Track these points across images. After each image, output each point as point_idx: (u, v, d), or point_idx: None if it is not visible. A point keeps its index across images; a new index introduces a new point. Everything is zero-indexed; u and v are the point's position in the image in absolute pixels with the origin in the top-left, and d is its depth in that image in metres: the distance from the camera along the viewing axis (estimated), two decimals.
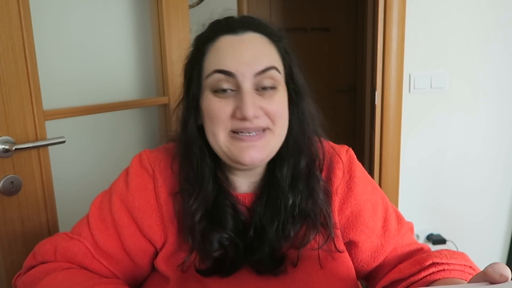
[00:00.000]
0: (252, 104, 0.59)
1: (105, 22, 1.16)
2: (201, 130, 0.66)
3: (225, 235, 0.63)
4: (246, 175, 0.69)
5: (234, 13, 0.69)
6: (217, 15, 0.68)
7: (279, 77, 0.64)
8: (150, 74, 1.27)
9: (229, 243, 0.64)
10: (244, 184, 0.70)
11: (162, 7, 1.19)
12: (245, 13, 2.44)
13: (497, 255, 1.71)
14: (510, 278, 0.45)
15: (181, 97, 0.70)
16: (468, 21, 1.53)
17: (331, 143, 0.75)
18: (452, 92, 1.60)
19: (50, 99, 0.96)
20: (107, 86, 1.17)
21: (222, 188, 0.67)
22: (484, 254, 1.70)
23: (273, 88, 0.63)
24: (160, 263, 0.67)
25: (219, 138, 0.62)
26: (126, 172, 0.70)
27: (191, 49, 0.68)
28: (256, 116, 0.60)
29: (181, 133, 0.69)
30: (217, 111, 0.61)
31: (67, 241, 0.66)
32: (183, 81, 0.69)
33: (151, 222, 0.67)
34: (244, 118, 0.59)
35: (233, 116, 0.61)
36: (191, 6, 1.72)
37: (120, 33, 1.20)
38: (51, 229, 0.97)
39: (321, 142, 0.71)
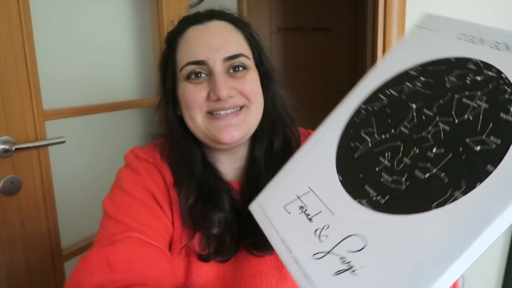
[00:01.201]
0: (225, 84, 0.62)
1: (105, 22, 1.16)
2: (181, 121, 0.68)
3: (222, 215, 0.64)
4: (230, 160, 0.71)
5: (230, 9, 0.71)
6: None
7: (248, 62, 0.66)
8: (150, 74, 1.27)
9: (226, 224, 0.65)
10: (230, 171, 0.71)
11: (162, 7, 1.19)
12: (245, 14, 2.44)
13: (497, 255, 1.71)
14: None
15: (160, 94, 0.72)
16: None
17: (311, 131, 0.77)
18: None
19: (50, 99, 0.96)
20: (107, 86, 1.17)
21: (214, 172, 0.69)
22: (483, 254, 1.70)
23: (244, 68, 0.65)
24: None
25: (197, 120, 0.64)
26: (127, 167, 0.69)
27: (164, 46, 0.71)
28: (230, 96, 0.63)
29: (165, 127, 0.71)
30: (193, 95, 0.63)
31: (112, 247, 0.57)
32: (159, 78, 0.71)
33: (164, 203, 0.65)
34: (218, 99, 0.62)
35: (208, 98, 0.63)
36: (191, 6, 1.72)
37: (120, 33, 1.20)
38: (51, 229, 0.97)
39: (294, 124, 0.73)
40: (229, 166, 0.71)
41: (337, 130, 0.58)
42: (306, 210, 0.55)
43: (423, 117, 0.51)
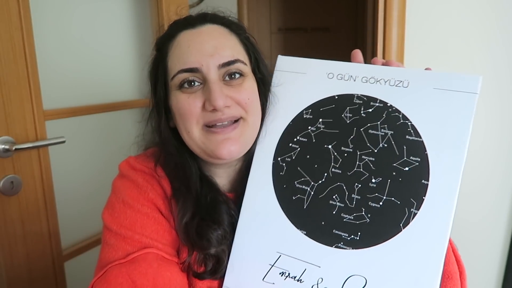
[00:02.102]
0: (221, 93, 0.58)
1: (105, 22, 1.16)
2: (174, 132, 0.65)
3: (220, 232, 0.62)
4: (226, 173, 0.68)
5: (234, 14, 0.69)
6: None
7: (245, 68, 0.62)
8: None
9: (224, 241, 0.62)
10: (226, 183, 0.69)
11: (162, 7, 1.19)
12: (245, 14, 2.44)
13: (497, 255, 1.70)
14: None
15: (151, 103, 0.68)
16: (469, 22, 1.53)
17: None
18: None
19: (50, 99, 0.96)
20: (107, 86, 1.17)
21: (212, 185, 0.66)
22: (483, 254, 1.70)
23: (241, 75, 0.62)
24: None
25: (193, 134, 0.60)
26: (124, 178, 0.66)
27: (153, 52, 0.67)
28: (227, 106, 0.59)
29: (158, 138, 0.67)
30: (187, 106, 0.59)
31: (133, 266, 0.55)
32: (150, 87, 0.67)
33: (168, 214, 0.64)
34: (214, 109, 0.58)
35: (204, 109, 0.59)
36: (191, 6, 1.72)
37: (120, 33, 1.20)
38: (51, 229, 0.97)
39: None
40: (226, 179, 0.69)
41: (268, 189, 0.60)
42: (289, 274, 0.56)
43: (345, 154, 0.56)
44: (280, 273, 0.57)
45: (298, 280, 0.55)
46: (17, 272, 0.91)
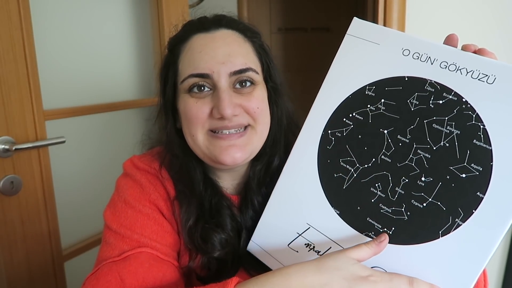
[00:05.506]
0: (230, 102, 0.57)
1: (105, 22, 1.16)
2: (180, 133, 0.65)
3: (224, 236, 0.62)
4: (231, 176, 0.68)
5: (234, 13, 0.69)
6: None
7: (257, 76, 0.62)
8: (150, 74, 1.27)
9: (228, 245, 0.62)
10: (230, 186, 0.69)
11: (162, 7, 1.19)
12: (245, 14, 2.44)
13: (497, 255, 1.71)
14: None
15: (159, 102, 0.68)
16: (469, 25, 1.53)
17: None
18: None
19: (50, 99, 0.96)
20: (107, 86, 1.17)
21: (216, 189, 0.66)
22: None
23: (252, 84, 0.61)
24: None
25: (198, 138, 0.60)
26: (127, 177, 0.65)
27: (166, 52, 0.67)
28: (235, 115, 0.58)
29: (164, 136, 0.67)
30: (195, 111, 0.59)
31: (124, 264, 0.55)
32: (159, 86, 0.67)
33: (170, 215, 0.64)
34: (222, 117, 0.58)
35: (211, 115, 0.59)
36: (191, 6, 1.72)
37: (120, 33, 1.20)
38: (51, 229, 0.97)
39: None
40: (230, 182, 0.69)
41: (311, 160, 0.57)
42: (314, 247, 0.55)
43: (400, 144, 0.51)
44: (305, 244, 0.56)
45: (321, 256, 0.54)
46: (17, 272, 0.91)
